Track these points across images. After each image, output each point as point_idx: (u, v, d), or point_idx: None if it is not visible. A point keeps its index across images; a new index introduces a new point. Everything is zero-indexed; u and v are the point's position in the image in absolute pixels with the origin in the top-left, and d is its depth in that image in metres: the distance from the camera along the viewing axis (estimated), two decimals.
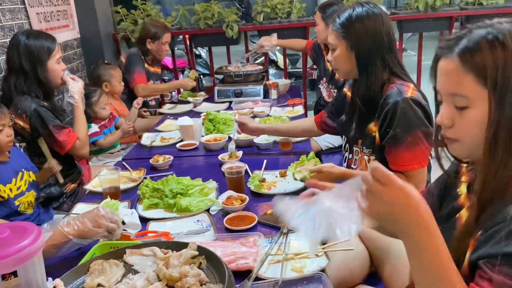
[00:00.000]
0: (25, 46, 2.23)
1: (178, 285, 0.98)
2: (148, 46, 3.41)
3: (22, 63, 2.23)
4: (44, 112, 2.20)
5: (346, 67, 1.70)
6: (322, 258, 1.30)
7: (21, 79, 2.23)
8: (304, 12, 3.86)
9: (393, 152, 1.60)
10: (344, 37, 1.64)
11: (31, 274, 1.07)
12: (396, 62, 1.65)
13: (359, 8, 1.62)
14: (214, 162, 2.19)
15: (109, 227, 1.35)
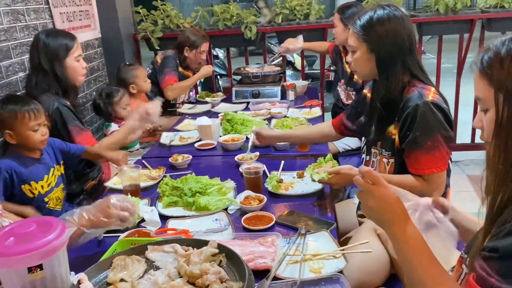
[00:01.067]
0: (44, 44, 2.29)
1: (199, 282, 1.00)
2: (186, 53, 3.45)
3: (41, 61, 2.28)
4: (65, 111, 2.24)
5: (365, 69, 1.70)
6: (340, 260, 1.31)
7: (40, 77, 2.27)
8: (322, 13, 3.86)
9: (413, 156, 1.59)
10: (365, 40, 1.64)
11: (56, 267, 1.10)
12: (417, 65, 1.64)
13: (380, 11, 1.61)
14: (231, 162, 2.20)
15: (120, 216, 1.34)
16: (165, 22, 3.86)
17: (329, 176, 1.66)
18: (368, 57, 1.65)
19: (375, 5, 1.67)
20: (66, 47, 2.32)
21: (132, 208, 1.37)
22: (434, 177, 1.60)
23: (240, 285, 0.98)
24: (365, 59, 1.67)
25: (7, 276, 1.08)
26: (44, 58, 2.28)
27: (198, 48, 3.45)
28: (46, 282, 1.08)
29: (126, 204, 1.36)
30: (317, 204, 1.72)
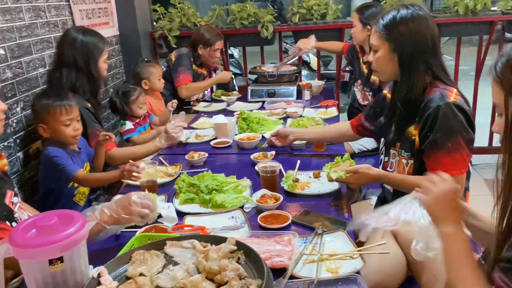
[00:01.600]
0: (82, 42, 2.31)
1: (217, 278, 1.00)
2: (199, 51, 3.46)
3: (77, 58, 2.29)
4: (86, 114, 2.24)
5: (387, 69, 1.68)
6: (357, 260, 1.30)
7: (73, 73, 2.29)
8: (340, 13, 3.84)
9: (433, 157, 1.57)
10: (387, 39, 1.62)
11: (76, 260, 1.12)
12: (440, 66, 1.62)
13: (404, 10, 1.60)
14: (247, 160, 2.21)
15: (141, 213, 1.36)
16: (182, 20, 3.88)
17: (347, 175, 1.65)
18: (391, 56, 1.64)
19: (398, 5, 1.65)
20: (100, 48, 2.35)
21: (152, 205, 1.38)
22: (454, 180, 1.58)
23: (259, 282, 0.98)
24: (387, 59, 1.65)
25: (28, 267, 1.09)
26: (81, 56, 2.30)
27: (212, 46, 3.45)
28: (66, 274, 1.10)
29: (146, 201, 1.37)
30: (333, 204, 1.71)
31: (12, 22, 2.49)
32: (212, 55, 3.50)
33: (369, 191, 2.22)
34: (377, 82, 2.90)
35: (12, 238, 1.08)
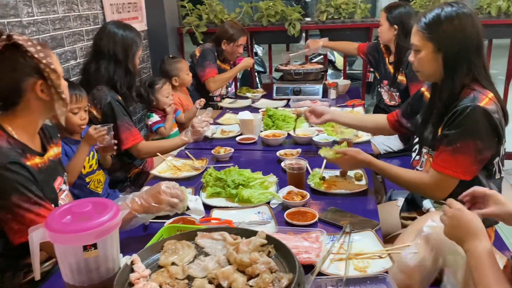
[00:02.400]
0: (122, 37, 2.33)
1: (248, 271, 1.01)
2: (223, 46, 3.48)
3: (116, 52, 2.31)
4: (117, 106, 2.26)
5: (430, 69, 1.62)
6: (386, 260, 1.29)
7: (112, 67, 2.31)
8: (368, 12, 3.80)
9: (438, 150, 1.56)
10: (431, 38, 1.56)
11: (108, 247, 1.14)
12: (482, 67, 1.56)
13: (448, 8, 1.54)
14: (272, 157, 2.21)
15: (171, 202, 1.39)
16: (210, 17, 3.90)
17: (337, 156, 1.76)
18: (434, 57, 1.58)
19: (442, 3, 1.59)
20: (138, 44, 2.38)
21: (181, 194, 1.40)
22: (444, 179, 1.55)
23: (290, 276, 0.98)
24: (430, 59, 1.59)
25: (63, 252, 1.12)
26: (120, 51, 2.32)
27: (236, 42, 3.45)
28: (99, 260, 1.12)
29: (176, 190, 1.40)
30: (361, 203, 1.70)
31: (47, 14, 2.55)
32: (235, 50, 3.50)
33: (394, 192, 2.20)
34: (404, 82, 2.86)
35: (48, 223, 1.10)
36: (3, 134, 1.36)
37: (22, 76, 1.35)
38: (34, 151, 1.45)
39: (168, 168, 2.12)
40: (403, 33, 2.77)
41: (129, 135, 2.29)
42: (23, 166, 1.33)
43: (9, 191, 1.28)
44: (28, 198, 1.30)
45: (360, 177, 1.88)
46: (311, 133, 2.40)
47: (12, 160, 1.31)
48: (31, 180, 1.34)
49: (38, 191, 1.35)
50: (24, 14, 2.36)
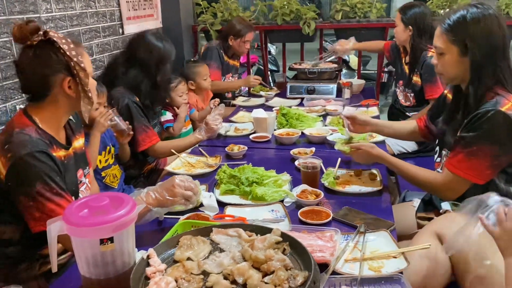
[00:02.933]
0: (159, 50, 2.32)
1: (264, 267, 1.01)
2: (230, 42, 3.47)
3: (150, 64, 2.30)
4: (134, 108, 2.27)
5: (454, 73, 1.58)
6: (401, 260, 1.28)
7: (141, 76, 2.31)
8: (383, 12, 3.78)
9: (454, 150, 1.54)
10: (456, 41, 1.52)
11: (124, 241, 1.15)
12: (508, 69, 1.52)
13: (473, 9, 1.50)
14: (285, 155, 2.21)
15: (185, 195, 1.41)
16: (225, 15, 3.91)
17: (351, 150, 1.81)
18: (459, 60, 1.53)
19: (466, 5, 1.55)
20: (171, 59, 2.40)
21: (195, 188, 1.42)
22: (456, 180, 1.54)
23: (305, 274, 0.98)
24: (455, 62, 1.55)
25: (80, 245, 1.13)
26: (154, 63, 2.31)
27: (243, 38, 3.43)
28: (115, 254, 1.13)
29: (189, 184, 1.41)
30: (375, 203, 1.69)
31: (65, 11, 2.58)
32: (242, 46, 3.47)
33: (409, 193, 2.17)
34: (419, 83, 2.83)
35: (66, 216, 1.12)
36: (32, 124, 1.40)
37: (53, 72, 1.39)
38: (60, 143, 1.48)
39: (182, 165, 2.13)
40: (418, 34, 2.74)
41: (146, 137, 2.30)
42: (50, 156, 1.36)
43: (34, 179, 1.31)
44: (51, 188, 1.33)
45: (375, 177, 1.87)
46: (325, 133, 2.39)
47: (40, 149, 1.34)
48: (55, 170, 1.37)
49: (61, 182, 1.37)
50: (43, 10, 2.39)
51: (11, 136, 1.35)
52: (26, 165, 1.31)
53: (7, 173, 1.32)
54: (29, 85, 1.44)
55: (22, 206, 1.34)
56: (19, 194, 1.33)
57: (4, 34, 2.15)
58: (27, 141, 1.34)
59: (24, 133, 1.36)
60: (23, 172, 1.32)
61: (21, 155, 1.31)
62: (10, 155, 1.32)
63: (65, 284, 1.28)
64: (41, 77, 1.39)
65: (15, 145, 1.33)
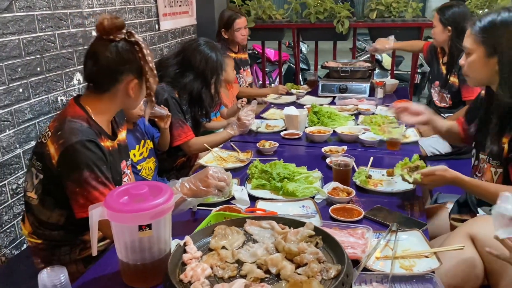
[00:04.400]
0: (214, 61, 2.39)
1: (297, 259, 1.03)
2: (225, 35, 3.42)
3: (206, 73, 2.38)
4: (172, 103, 2.32)
5: (480, 74, 1.57)
6: (433, 260, 1.27)
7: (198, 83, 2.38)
8: (419, 12, 3.72)
9: None
10: (484, 42, 1.52)
11: (161, 229, 1.19)
12: None
13: (505, 13, 1.49)
14: (316, 153, 2.22)
15: (218, 186, 1.44)
16: (258, 12, 3.93)
17: (422, 177, 1.60)
18: (485, 61, 1.53)
19: (499, 8, 1.54)
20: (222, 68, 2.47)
21: (228, 179, 1.46)
22: None
23: (338, 267, 0.99)
24: (481, 63, 1.54)
25: (120, 230, 1.18)
26: (209, 73, 2.38)
27: (232, 26, 3.36)
28: (153, 241, 1.18)
29: (222, 175, 1.45)
30: (407, 204, 1.68)
31: (105, 6, 2.66)
32: (235, 35, 3.38)
33: (441, 195, 2.14)
34: (456, 84, 2.78)
35: (107, 202, 1.17)
36: (84, 114, 1.46)
37: (126, 70, 1.44)
38: (107, 134, 1.54)
39: (214, 159, 2.17)
40: (457, 34, 2.69)
41: (182, 132, 2.36)
42: (98, 145, 1.42)
43: (83, 166, 1.37)
44: (97, 176, 1.38)
45: None
46: (357, 131, 2.39)
47: (90, 138, 1.40)
48: (103, 160, 1.43)
49: (107, 172, 1.43)
50: (85, 5, 2.48)
51: (63, 123, 1.41)
52: (76, 152, 1.37)
53: (58, 159, 1.39)
54: (97, 75, 1.47)
55: (69, 192, 1.40)
56: (67, 179, 1.39)
57: (48, 28, 2.25)
58: (78, 130, 1.40)
59: (75, 122, 1.42)
60: (72, 159, 1.37)
61: (72, 143, 1.37)
62: (62, 141, 1.38)
63: (102, 269, 1.34)
64: (113, 72, 1.44)
65: (67, 133, 1.39)
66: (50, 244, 1.55)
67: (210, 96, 2.45)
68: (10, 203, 2.07)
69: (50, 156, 1.40)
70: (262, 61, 4.54)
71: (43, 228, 1.54)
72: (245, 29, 3.41)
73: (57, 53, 2.31)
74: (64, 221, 1.51)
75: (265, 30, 3.96)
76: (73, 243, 1.55)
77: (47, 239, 1.55)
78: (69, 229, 1.52)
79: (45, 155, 1.42)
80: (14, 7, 2.03)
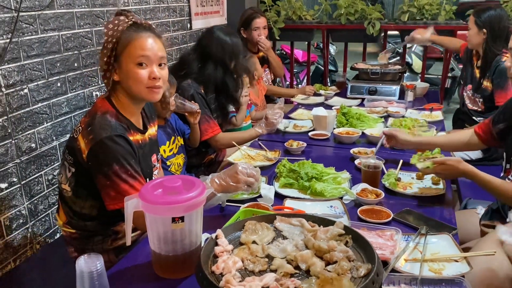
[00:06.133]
0: (230, 44, 2.42)
1: (326, 257, 1.04)
2: (243, 34, 3.39)
3: (225, 59, 2.41)
4: (199, 99, 2.36)
5: None
6: (462, 265, 1.26)
7: (220, 71, 2.41)
8: (453, 15, 3.65)
9: None
10: None
11: (193, 222, 1.22)
12: None
13: None
14: (344, 154, 2.21)
15: (247, 182, 1.46)
16: (288, 13, 3.94)
17: (434, 165, 1.62)
18: None
19: None
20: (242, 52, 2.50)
21: (257, 175, 1.48)
22: None
23: (368, 266, 0.99)
24: None
25: (153, 222, 1.22)
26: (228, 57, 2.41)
27: (250, 26, 3.31)
28: (184, 233, 1.21)
29: (251, 171, 1.47)
30: (437, 207, 1.66)
31: (140, 4, 2.73)
32: (253, 35, 3.33)
33: (471, 201, 2.11)
34: (489, 88, 2.73)
35: (142, 194, 1.20)
36: (113, 110, 1.51)
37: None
38: (137, 128, 1.58)
39: (242, 157, 2.20)
40: (492, 37, 2.65)
41: (208, 127, 2.40)
42: (127, 140, 1.46)
43: (112, 160, 1.41)
44: (127, 169, 1.43)
45: (438, 181, 1.83)
46: None
47: (118, 133, 1.44)
48: (131, 154, 1.47)
49: (136, 165, 1.47)
50: (121, 3, 2.54)
51: (94, 119, 1.47)
52: (105, 147, 1.41)
53: (88, 153, 1.44)
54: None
55: (100, 185, 1.45)
56: (98, 173, 1.44)
57: (86, 25, 2.32)
58: (107, 125, 1.44)
59: (105, 117, 1.47)
60: (102, 153, 1.42)
61: (101, 138, 1.41)
62: (92, 136, 1.43)
63: (134, 259, 1.38)
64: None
65: (96, 128, 1.43)
66: (83, 234, 1.60)
67: (233, 80, 2.47)
68: (45, 193, 2.15)
69: (80, 150, 1.46)
70: (291, 62, 4.55)
71: (77, 218, 1.59)
72: (263, 30, 3.36)
73: (93, 49, 2.39)
74: (97, 212, 1.56)
75: (294, 31, 3.96)
76: (106, 233, 1.60)
77: (81, 229, 1.60)
78: (101, 220, 1.57)
79: (76, 149, 1.47)
80: (55, 4, 2.11)
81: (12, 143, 1.91)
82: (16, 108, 1.93)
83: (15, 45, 1.91)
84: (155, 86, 1.50)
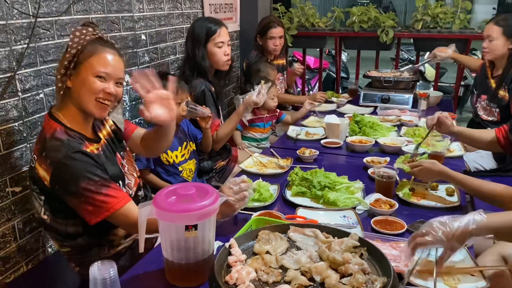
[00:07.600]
0: (192, 29, 2.53)
1: (341, 269, 1.03)
2: (260, 41, 3.41)
3: (187, 45, 2.51)
4: (209, 96, 2.41)
5: None
6: (478, 279, 1.24)
7: (187, 62, 2.49)
8: (467, 23, 3.62)
9: None
10: None
11: (206, 230, 1.22)
12: None
13: None
14: (357, 163, 2.20)
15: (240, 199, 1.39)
16: (301, 20, 3.95)
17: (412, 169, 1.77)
18: None
19: None
20: (207, 32, 2.50)
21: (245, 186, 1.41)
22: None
23: (384, 280, 0.98)
24: None
25: (167, 229, 1.22)
26: (190, 43, 2.51)
27: (266, 34, 3.33)
28: (197, 241, 1.20)
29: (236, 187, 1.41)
30: None
31: (155, 11, 2.75)
32: (268, 44, 3.34)
33: None
34: (506, 98, 2.69)
35: (156, 201, 1.20)
36: (61, 127, 1.47)
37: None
38: (90, 138, 1.55)
39: (254, 164, 2.19)
40: None
41: (212, 125, 2.42)
42: (85, 153, 1.44)
43: (77, 178, 1.38)
44: (95, 181, 1.40)
45: (452, 192, 1.81)
46: (400, 143, 2.35)
47: (74, 149, 1.42)
48: (94, 165, 1.44)
49: (103, 174, 1.44)
50: (136, 10, 2.57)
51: (45, 143, 1.44)
52: (65, 167, 1.38)
53: (51, 179, 1.41)
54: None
55: (73, 205, 1.43)
56: (66, 194, 1.41)
57: (102, 31, 2.34)
58: (60, 145, 1.42)
59: (55, 138, 1.43)
60: (65, 175, 1.39)
61: (58, 159, 1.39)
62: (49, 161, 1.40)
63: (147, 266, 1.38)
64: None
65: (50, 152, 1.41)
66: (79, 250, 1.57)
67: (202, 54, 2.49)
68: None
69: (41, 179, 1.43)
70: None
71: (67, 239, 1.55)
72: (279, 39, 3.36)
73: None
74: (82, 228, 1.52)
75: (307, 38, 3.96)
76: (100, 244, 1.58)
77: (74, 246, 1.57)
78: (90, 233, 1.54)
79: (37, 178, 1.45)
80: (72, 10, 2.14)
81: (27, 147, 1.92)
82: (32, 113, 1.95)
83: (32, 50, 1.93)
84: (105, 101, 1.49)
